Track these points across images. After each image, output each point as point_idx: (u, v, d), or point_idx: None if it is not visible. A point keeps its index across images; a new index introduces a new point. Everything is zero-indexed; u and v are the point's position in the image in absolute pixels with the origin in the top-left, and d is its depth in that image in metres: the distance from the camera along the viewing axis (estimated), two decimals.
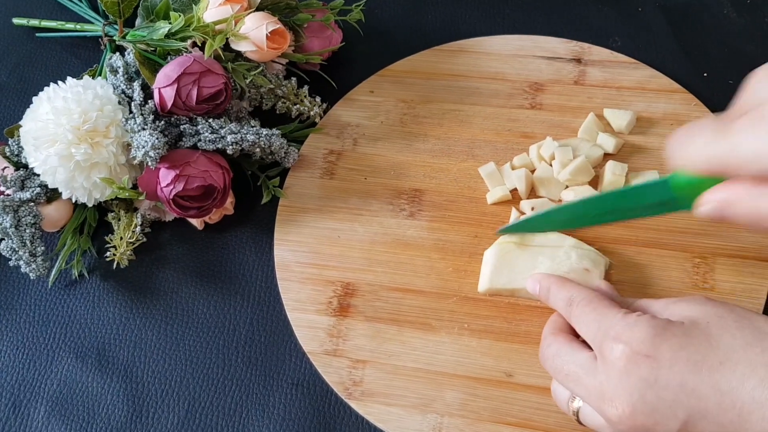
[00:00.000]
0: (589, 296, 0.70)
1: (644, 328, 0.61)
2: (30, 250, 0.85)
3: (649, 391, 0.59)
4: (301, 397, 0.82)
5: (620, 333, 0.62)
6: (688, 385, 0.58)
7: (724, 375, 0.57)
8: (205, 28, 0.85)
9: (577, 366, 0.65)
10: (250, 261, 0.90)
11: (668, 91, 0.95)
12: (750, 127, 0.55)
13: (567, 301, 0.71)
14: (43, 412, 0.83)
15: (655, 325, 0.61)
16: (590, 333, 0.66)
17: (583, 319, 0.68)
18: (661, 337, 0.60)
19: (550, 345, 0.70)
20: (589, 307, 0.68)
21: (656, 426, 0.59)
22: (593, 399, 0.63)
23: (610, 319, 0.64)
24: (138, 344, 0.86)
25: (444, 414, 0.78)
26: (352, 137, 0.96)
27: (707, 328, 0.61)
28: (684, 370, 0.58)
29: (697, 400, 0.58)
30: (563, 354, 0.67)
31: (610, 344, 0.62)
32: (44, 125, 0.82)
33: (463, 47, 1.01)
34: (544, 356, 0.70)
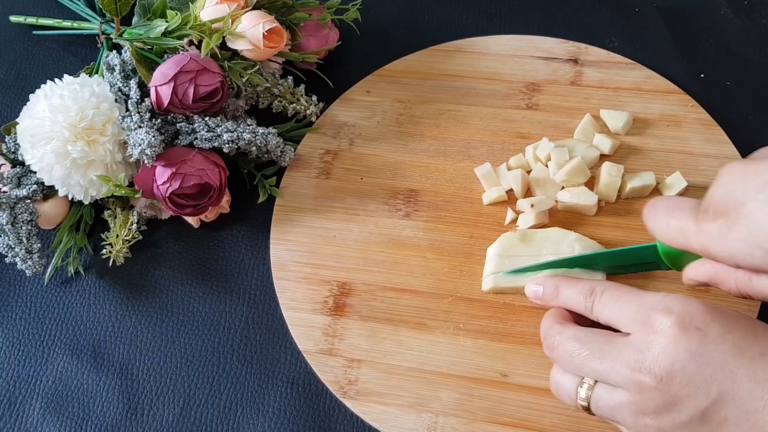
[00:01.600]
0: (615, 284, 0.70)
1: (697, 303, 0.63)
2: (26, 247, 0.85)
3: (692, 363, 0.60)
4: (296, 395, 0.82)
5: (671, 305, 0.63)
6: (728, 366, 0.59)
7: (763, 366, 0.59)
8: (201, 27, 0.85)
9: (603, 343, 0.65)
10: (246, 259, 0.90)
11: (665, 92, 0.95)
12: (725, 232, 0.62)
13: (588, 292, 0.71)
14: (38, 409, 0.83)
15: (707, 303, 0.63)
16: (629, 312, 0.66)
17: (615, 304, 0.68)
18: (712, 315, 0.62)
19: (563, 330, 0.69)
20: (620, 291, 0.68)
21: (687, 398, 0.60)
22: (623, 371, 0.62)
23: (653, 296, 0.65)
24: (133, 342, 0.86)
25: (439, 414, 0.78)
26: (349, 137, 0.96)
27: (753, 322, 0.62)
28: (728, 350, 0.60)
29: (731, 382, 0.59)
30: (584, 335, 0.67)
31: (660, 316, 0.62)
32: (41, 123, 0.82)
33: (460, 47, 1.02)
34: (557, 342, 0.69)
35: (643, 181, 0.87)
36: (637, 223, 0.86)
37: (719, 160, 0.89)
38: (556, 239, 0.83)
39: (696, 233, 0.64)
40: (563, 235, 0.83)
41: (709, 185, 0.86)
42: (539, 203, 0.86)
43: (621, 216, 0.87)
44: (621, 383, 0.63)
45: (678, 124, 0.93)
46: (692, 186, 0.87)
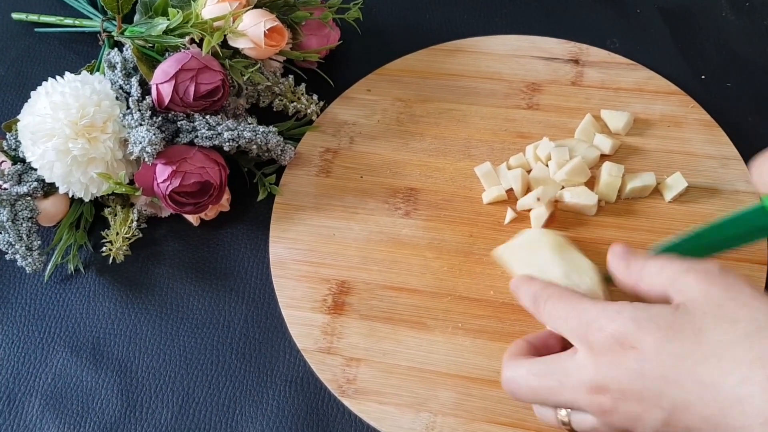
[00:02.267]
0: (559, 291, 0.68)
1: (628, 319, 0.61)
2: (26, 244, 0.85)
3: (636, 381, 0.59)
4: (295, 394, 0.82)
5: (605, 325, 0.61)
6: (671, 377, 0.58)
7: (707, 369, 0.57)
8: (203, 25, 0.85)
9: (556, 373, 0.64)
10: (246, 258, 0.90)
11: (665, 92, 0.95)
12: None
13: (533, 298, 0.69)
14: (37, 406, 0.83)
15: (638, 317, 0.61)
16: (570, 326, 0.64)
17: (558, 315, 0.66)
18: (645, 329, 0.60)
19: (518, 366, 0.67)
20: (562, 300, 0.67)
21: (645, 413, 0.59)
22: (582, 397, 0.62)
23: (591, 311, 0.64)
24: (133, 339, 0.86)
25: (437, 413, 0.78)
26: (349, 135, 0.96)
27: (702, 319, 0.60)
28: (667, 362, 0.58)
29: (679, 391, 0.58)
30: (536, 371, 0.65)
31: (596, 335, 0.61)
32: (42, 120, 0.82)
33: (461, 47, 1.02)
34: (518, 387, 0.67)
35: (644, 181, 0.87)
36: (637, 223, 0.86)
37: (720, 161, 0.89)
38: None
39: None
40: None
41: (709, 186, 0.87)
42: (544, 194, 0.86)
43: (621, 216, 0.87)
44: (584, 408, 0.63)
45: (678, 125, 0.93)
46: (693, 187, 0.87)
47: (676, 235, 0.75)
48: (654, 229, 0.86)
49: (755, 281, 0.82)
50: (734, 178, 0.88)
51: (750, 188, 0.87)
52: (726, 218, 0.71)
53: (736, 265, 0.83)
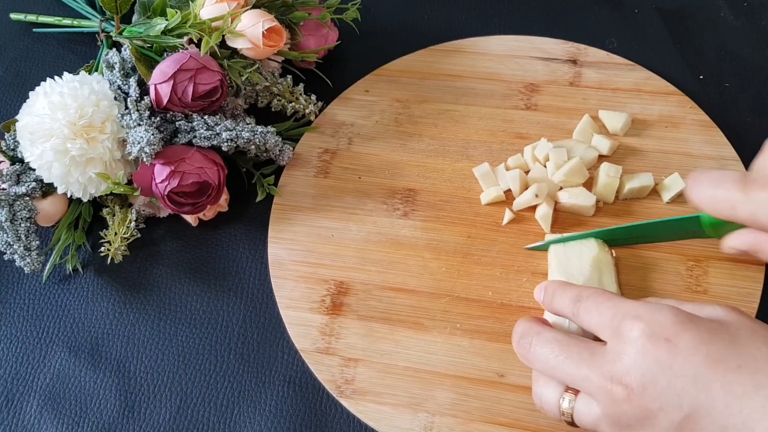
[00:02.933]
0: (600, 290, 0.69)
1: (668, 313, 0.62)
2: (25, 244, 0.85)
3: (662, 375, 0.59)
4: (293, 394, 0.82)
5: (642, 313, 0.62)
6: (701, 379, 0.58)
7: (740, 379, 0.57)
8: (201, 25, 0.85)
9: (581, 348, 0.64)
10: (244, 258, 0.90)
11: (664, 93, 0.96)
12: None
13: (575, 298, 0.70)
14: (35, 406, 0.84)
15: (680, 313, 0.62)
16: (605, 318, 0.65)
17: (595, 309, 0.66)
18: (684, 325, 0.60)
19: (541, 332, 0.68)
20: (602, 297, 0.67)
21: (659, 412, 0.59)
22: (596, 380, 0.62)
23: (629, 303, 0.64)
24: (131, 339, 0.87)
25: (435, 413, 0.78)
26: (347, 136, 0.96)
27: (737, 332, 0.61)
28: (701, 363, 0.58)
29: (705, 396, 0.57)
30: (561, 337, 0.67)
31: (630, 323, 0.62)
32: (40, 120, 0.82)
33: (459, 47, 1.02)
34: (533, 344, 0.68)
35: (642, 182, 0.87)
36: None
37: (718, 162, 0.90)
38: None
39: (744, 202, 0.66)
40: None
41: None
42: (540, 189, 0.86)
43: (619, 217, 0.87)
44: (594, 393, 0.62)
45: (677, 126, 0.93)
46: None
47: None
48: None
49: (754, 281, 0.82)
50: None
51: None
52: (665, 220, 0.82)
53: (736, 265, 0.83)
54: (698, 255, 0.84)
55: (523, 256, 0.86)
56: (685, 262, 0.84)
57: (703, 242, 0.84)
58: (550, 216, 0.86)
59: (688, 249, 0.84)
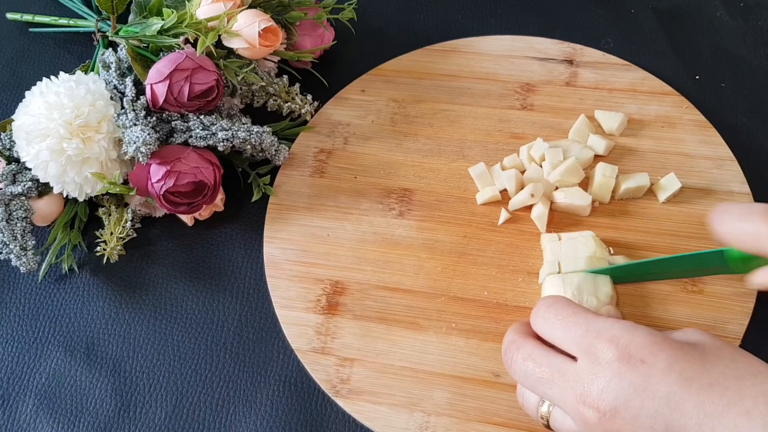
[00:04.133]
0: (562, 301, 0.69)
1: (644, 334, 0.61)
2: (21, 243, 0.85)
3: (636, 397, 0.59)
4: (289, 394, 0.82)
5: (618, 336, 0.62)
6: (674, 399, 0.58)
7: (711, 397, 0.57)
8: (197, 25, 0.86)
9: (553, 368, 0.64)
10: (240, 258, 0.90)
11: (660, 93, 0.96)
12: None
13: (536, 307, 0.70)
14: (31, 406, 0.83)
15: (655, 334, 0.62)
16: (573, 336, 0.64)
17: (560, 324, 0.66)
18: (659, 345, 0.60)
19: (521, 347, 0.68)
20: (567, 309, 0.67)
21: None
22: (570, 401, 0.62)
23: (601, 322, 0.64)
24: (127, 339, 0.87)
25: (431, 413, 0.78)
26: (343, 136, 0.96)
27: (704, 350, 0.61)
28: (674, 382, 0.58)
29: (679, 415, 0.57)
30: (537, 356, 0.66)
31: (605, 345, 0.61)
32: (36, 120, 0.82)
33: (455, 47, 1.02)
34: (514, 359, 0.68)
35: (638, 182, 0.87)
36: (631, 223, 0.87)
37: (714, 162, 0.90)
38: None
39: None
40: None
41: (703, 186, 0.87)
42: (536, 189, 0.86)
43: (615, 217, 0.87)
44: (568, 412, 0.63)
45: (673, 126, 0.93)
46: (687, 187, 0.88)
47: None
48: (648, 229, 0.86)
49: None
50: (728, 178, 0.89)
51: (744, 189, 0.87)
52: (689, 254, 0.77)
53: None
54: None
55: (519, 256, 0.86)
56: None
57: (699, 242, 0.84)
58: (545, 216, 0.86)
59: (684, 249, 0.84)
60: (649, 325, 0.78)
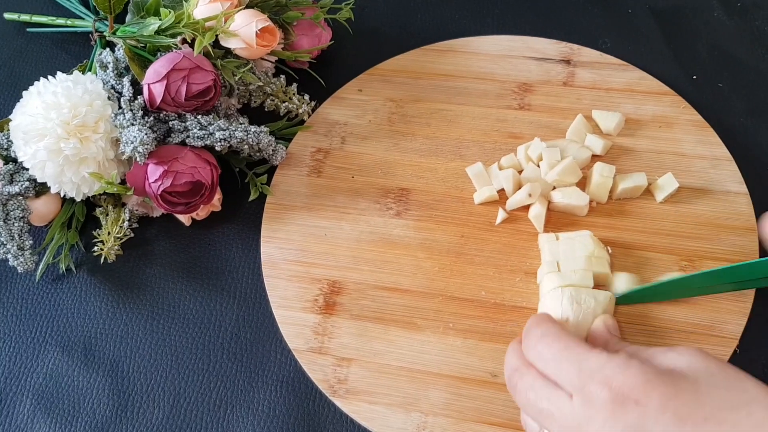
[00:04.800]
0: (556, 331, 0.68)
1: (637, 372, 0.60)
2: (18, 243, 0.85)
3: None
4: (286, 394, 0.82)
5: (610, 376, 0.61)
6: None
7: (706, 431, 0.57)
8: (195, 25, 0.85)
9: (552, 404, 0.64)
10: (237, 258, 0.90)
11: (657, 93, 0.96)
12: None
13: (525, 331, 0.70)
14: (28, 406, 0.83)
15: (647, 371, 0.61)
16: (566, 374, 0.64)
17: (552, 358, 0.66)
18: (652, 384, 0.60)
19: (524, 376, 0.67)
20: (559, 343, 0.66)
21: None
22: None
23: (593, 359, 0.63)
24: (124, 339, 0.87)
25: (428, 413, 0.78)
26: (340, 135, 0.96)
27: (696, 383, 0.60)
28: (669, 421, 0.58)
29: None
30: (538, 388, 0.65)
31: (598, 387, 0.61)
32: (34, 119, 0.82)
33: (453, 47, 1.02)
34: (517, 387, 0.68)
35: (635, 181, 0.87)
36: (628, 223, 0.87)
37: (711, 162, 0.90)
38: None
39: None
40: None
41: (700, 186, 0.87)
42: (534, 188, 0.86)
43: (612, 216, 0.87)
44: None
45: (670, 126, 0.93)
46: (684, 187, 0.88)
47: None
48: (645, 229, 0.86)
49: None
50: (725, 178, 0.89)
51: (741, 189, 0.88)
52: (752, 262, 0.75)
53: None
54: (691, 254, 0.84)
55: (516, 255, 0.86)
56: (679, 261, 0.84)
57: (697, 241, 0.85)
58: (543, 215, 0.86)
59: (681, 248, 0.85)
60: (646, 327, 0.80)
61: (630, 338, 0.80)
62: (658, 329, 0.80)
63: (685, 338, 0.79)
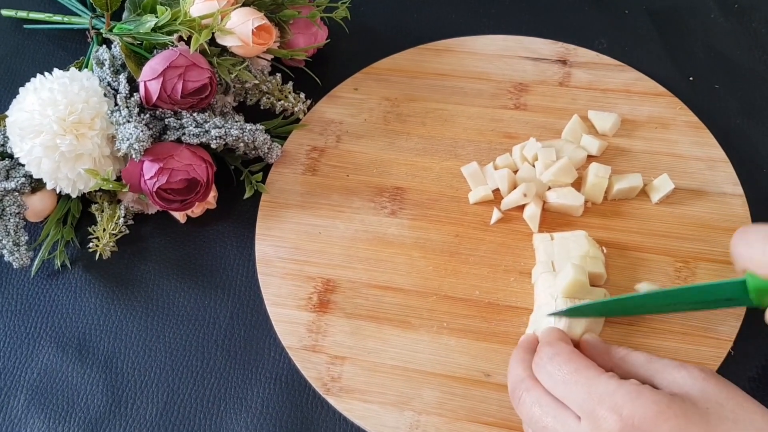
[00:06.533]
0: (563, 353, 0.67)
1: (647, 403, 0.60)
2: (13, 239, 0.85)
3: None
4: (280, 391, 0.82)
5: (620, 405, 0.60)
6: None
7: None
8: (191, 23, 0.86)
9: (558, 423, 0.63)
10: (232, 255, 0.91)
11: (653, 94, 0.96)
12: None
13: (538, 356, 0.69)
14: (22, 401, 0.84)
15: (658, 401, 0.60)
16: (575, 397, 0.63)
17: (562, 381, 0.65)
18: (664, 415, 0.59)
19: (530, 390, 0.67)
20: (568, 365, 0.66)
21: None
22: None
23: (603, 385, 0.63)
24: (118, 335, 0.87)
25: (421, 412, 0.78)
26: (336, 134, 0.96)
27: (706, 413, 0.60)
28: None
29: None
30: (545, 404, 0.65)
31: (607, 414, 0.60)
32: (30, 116, 0.82)
33: (449, 46, 1.02)
34: (522, 401, 0.67)
35: (630, 182, 0.87)
36: (624, 224, 0.87)
37: (707, 163, 0.90)
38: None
39: None
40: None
41: (696, 188, 0.87)
42: (529, 189, 0.86)
43: (607, 217, 0.88)
44: None
45: (666, 127, 0.93)
46: (679, 188, 0.88)
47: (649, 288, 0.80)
48: (640, 230, 0.86)
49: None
50: (721, 180, 0.89)
51: (737, 191, 0.88)
52: (705, 284, 0.72)
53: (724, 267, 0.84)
54: (686, 256, 0.84)
55: (511, 255, 0.86)
56: (674, 263, 0.84)
57: (692, 243, 0.85)
58: (538, 216, 0.86)
59: (676, 250, 0.85)
60: (641, 329, 0.80)
61: (626, 340, 0.79)
62: (653, 330, 0.80)
63: (680, 339, 0.79)
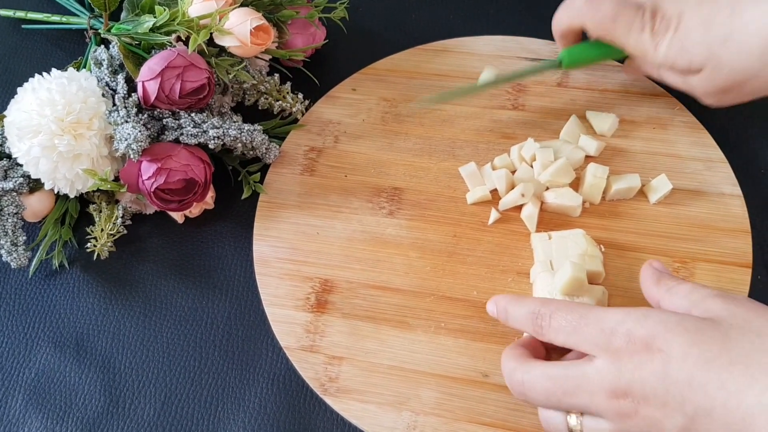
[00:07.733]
0: (563, 306, 0.67)
1: (656, 322, 0.61)
2: (11, 239, 0.85)
3: (660, 385, 0.59)
4: (277, 392, 0.82)
5: (632, 329, 0.61)
6: (696, 381, 0.58)
7: (733, 375, 0.57)
8: (189, 23, 0.86)
9: (574, 376, 0.63)
10: (229, 255, 0.91)
11: (651, 95, 0.96)
12: None
13: (533, 316, 0.68)
14: (20, 401, 0.84)
15: (667, 320, 0.61)
16: (588, 338, 0.63)
17: (571, 329, 0.65)
18: (673, 332, 0.60)
19: (530, 370, 0.66)
20: (572, 314, 0.66)
21: (666, 419, 0.59)
22: (601, 400, 0.61)
23: (612, 316, 0.63)
24: (116, 335, 0.87)
25: (419, 412, 0.78)
26: (334, 134, 0.96)
27: (728, 329, 0.60)
28: (693, 365, 0.58)
29: (703, 396, 0.58)
30: (551, 373, 0.65)
31: (621, 340, 0.61)
32: (28, 116, 0.82)
33: (447, 47, 1.02)
34: (527, 382, 0.66)
35: (628, 183, 0.87)
36: (621, 224, 0.87)
37: (705, 164, 0.90)
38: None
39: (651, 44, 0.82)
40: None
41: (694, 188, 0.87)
42: (527, 189, 0.86)
43: (605, 217, 0.88)
44: (602, 413, 0.62)
45: (664, 127, 0.93)
46: (678, 189, 0.88)
47: None
48: (638, 231, 0.86)
49: (740, 284, 0.82)
50: (719, 180, 0.89)
51: (735, 191, 0.88)
52: (527, 69, 0.94)
53: (722, 267, 0.83)
54: (684, 256, 0.84)
55: (509, 256, 0.86)
56: (672, 263, 0.84)
57: (690, 243, 0.85)
58: (536, 216, 0.86)
59: (674, 250, 0.85)
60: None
61: None
62: None
63: None
